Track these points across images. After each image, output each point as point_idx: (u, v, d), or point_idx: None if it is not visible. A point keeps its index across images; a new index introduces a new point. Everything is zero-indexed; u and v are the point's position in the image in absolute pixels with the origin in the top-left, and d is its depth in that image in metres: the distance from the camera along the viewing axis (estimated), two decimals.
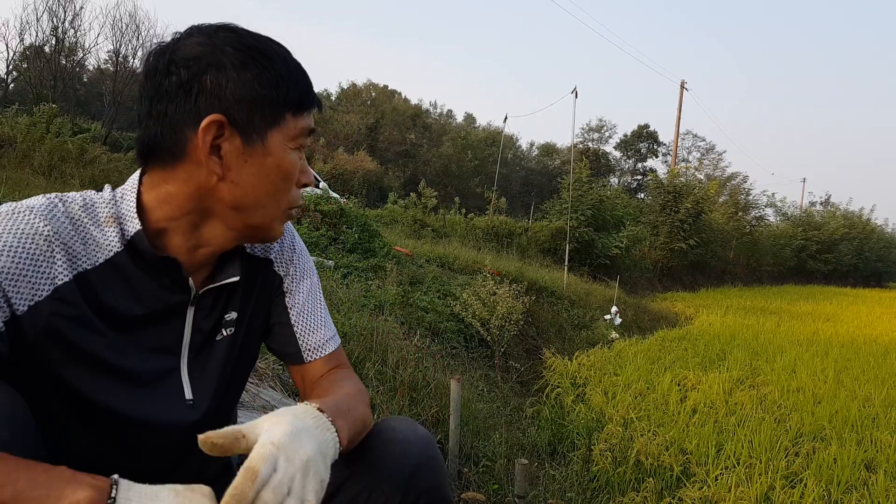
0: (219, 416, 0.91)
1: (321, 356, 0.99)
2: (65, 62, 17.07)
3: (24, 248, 0.73)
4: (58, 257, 0.75)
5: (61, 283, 0.75)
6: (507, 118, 19.81)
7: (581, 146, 38.61)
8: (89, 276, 0.78)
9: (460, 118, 41.20)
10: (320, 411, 0.75)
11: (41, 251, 0.74)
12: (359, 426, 0.84)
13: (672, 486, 3.23)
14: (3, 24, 22.22)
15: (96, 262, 0.79)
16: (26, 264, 0.73)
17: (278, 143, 0.82)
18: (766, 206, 25.40)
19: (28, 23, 19.89)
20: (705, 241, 19.04)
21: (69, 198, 0.80)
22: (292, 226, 1.04)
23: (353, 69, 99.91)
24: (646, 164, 43.17)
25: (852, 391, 4.98)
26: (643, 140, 43.16)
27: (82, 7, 23.07)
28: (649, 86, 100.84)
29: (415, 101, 35.84)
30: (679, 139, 28.47)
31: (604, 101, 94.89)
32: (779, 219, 28.49)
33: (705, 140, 46.96)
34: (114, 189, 0.84)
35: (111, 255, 0.79)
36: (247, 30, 0.83)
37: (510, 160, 35.52)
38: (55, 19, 16.03)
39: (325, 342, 0.99)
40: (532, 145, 42.81)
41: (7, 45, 17.74)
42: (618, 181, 41.32)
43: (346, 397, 0.87)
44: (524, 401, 4.83)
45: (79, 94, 19.77)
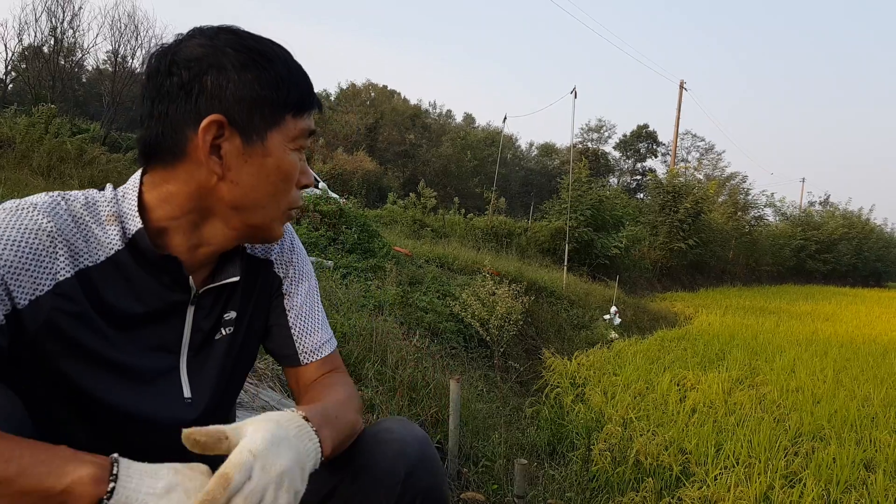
0: (217, 415, 0.91)
1: (317, 359, 0.99)
2: (63, 62, 17.04)
3: (26, 243, 0.73)
4: (60, 253, 0.76)
5: (63, 278, 0.75)
6: (506, 118, 19.72)
7: (580, 146, 38.64)
8: (90, 273, 0.78)
9: (460, 118, 41.26)
10: (305, 420, 0.76)
11: (44, 246, 0.75)
12: (345, 433, 0.85)
13: (671, 485, 3.24)
14: (2, 25, 22.18)
15: (98, 260, 0.79)
16: (29, 259, 0.73)
17: (278, 144, 0.83)
18: (765, 206, 25.46)
19: (27, 23, 19.84)
20: (704, 240, 19.05)
21: (71, 196, 0.81)
22: (292, 227, 1.04)
23: (352, 69, 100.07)
24: (645, 164, 43.23)
25: (851, 391, 4.98)
26: (642, 140, 43.19)
27: (81, 7, 23.12)
28: (649, 86, 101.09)
29: (414, 102, 35.91)
30: (678, 139, 28.50)
31: (603, 101, 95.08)
32: (778, 219, 28.55)
33: (704, 140, 47.07)
34: (115, 188, 0.85)
35: (112, 252, 0.80)
36: (248, 32, 0.84)
37: (509, 160, 35.52)
38: (54, 20, 15.99)
39: (321, 345, 1.00)
40: (531, 145, 42.88)
41: (6, 46, 17.69)
42: (617, 181, 41.34)
43: (336, 403, 0.88)
44: (523, 401, 4.84)
45: (77, 94, 19.73)
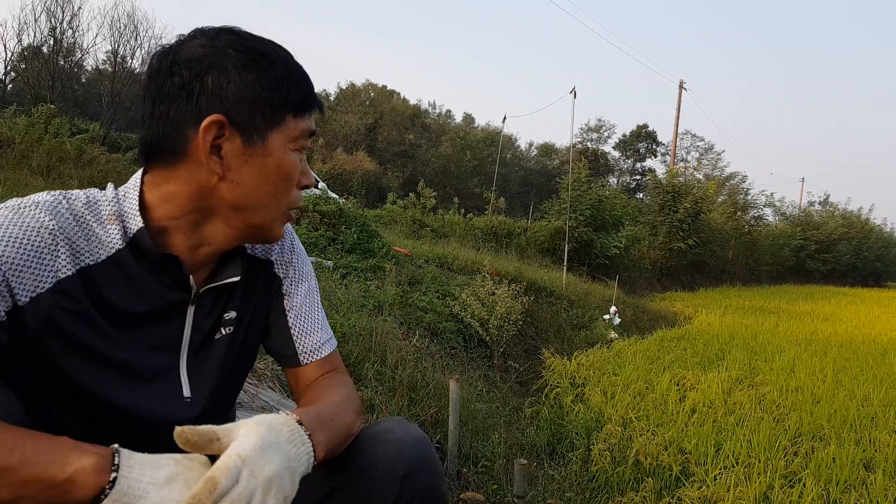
0: (216, 415, 0.91)
1: (317, 359, 0.99)
2: (63, 63, 17.02)
3: (28, 240, 0.74)
4: (61, 251, 0.76)
5: (64, 276, 0.75)
6: (505, 118, 19.73)
7: (580, 146, 38.63)
8: (91, 271, 0.78)
9: (459, 118, 41.25)
10: (299, 423, 0.76)
11: (45, 244, 0.75)
12: (341, 435, 0.85)
13: (671, 485, 3.24)
14: (2, 25, 22.18)
15: (99, 259, 0.79)
16: (30, 256, 0.73)
17: (278, 144, 0.83)
18: (764, 206, 25.48)
19: (26, 23, 19.83)
20: (704, 240, 19.06)
21: (73, 195, 0.81)
22: (292, 227, 1.04)
23: (352, 69, 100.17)
24: (644, 163, 43.22)
25: (851, 390, 4.98)
26: (642, 140, 43.18)
27: (80, 7, 23.10)
28: (648, 86, 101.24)
29: (413, 102, 35.90)
30: (678, 139, 28.52)
31: (603, 101, 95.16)
32: (777, 218, 28.57)
33: (704, 140, 47.03)
34: (116, 188, 0.85)
35: (113, 251, 0.80)
36: (249, 33, 0.84)
37: (509, 160, 35.52)
38: (53, 20, 15.97)
39: (320, 345, 1.00)
40: (531, 145, 42.86)
41: (5, 46, 17.68)
42: (616, 181, 41.33)
43: (332, 406, 0.88)
44: (523, 401, 4.83)
45: (77, 94, 19.72)
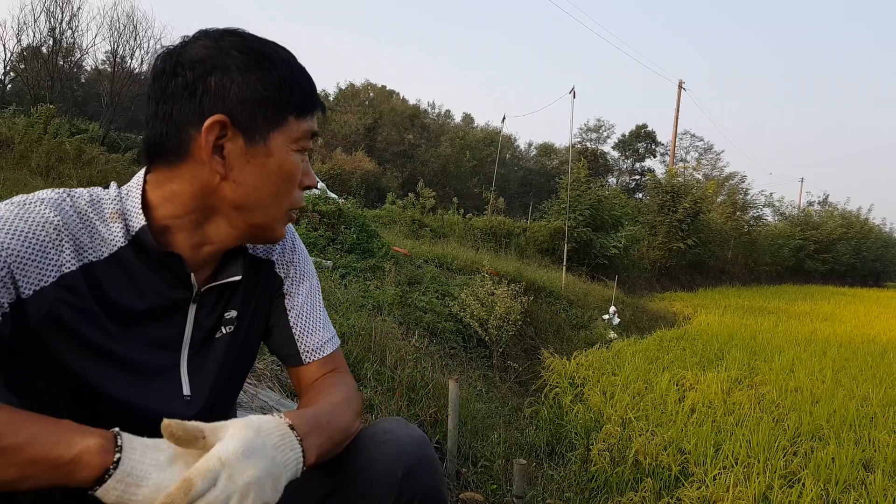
0: (215, 414, 0.90)
1: (319, 358, 0.99)
2: (62, 63, 17.02)
3: (34, 234, 0.74)
4: (65, 246, 0.76)
5: (67, 271, 0.76)
6: (504, 118, 19.78)
7: (579, 146, 38.60)
8: (94, 268, 0.79)
9: (458, 118, 41.19)
10: (291, 428, 0.75)
11: (50, 239, 0.75)
12: (337, 438, 0.85)
13: (670, 485, 3.24)
14: (1, 25, 22.15)
15: (101, 256, 0.80)
16: (35, 250, 0.74)
17: (280, 145, 0.84)
18: (763, 206, 25.48)
19: (25, 23, 19.82)
20: (703, 240, 19.07)
21: (77, 193, 0.82)
22: (293, 228, 1.05)
23: (352, 69, 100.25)
24: (644, 164, 43.20)
25: (850, 391, 4.98)
26: (641, 140, 43.17)
27: (80, 8, 23.09)
28: (647, 86, 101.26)
29: (413, 102, 35.84)
30: (677, 139, 28.54)
31: (602, 101, 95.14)
32: (777, 218, 28.56)
33: (703, 140, 47.11)
34: (120, 187, 0.86)
35: (115, 249, 0.81)
36: (253, 34, 0.85)
37: (508, 160, 35.50)
38: (52, 20, 15.96)
39: (322, 344, 1.00)
40: (530, 145, 42.79)
41: (4, 46, 17.63)
42: (616, 181, 41.30)
43: (330, 407, 0.88)
44: (522, 401, 4.83)
45: (76, 94, 19.73)
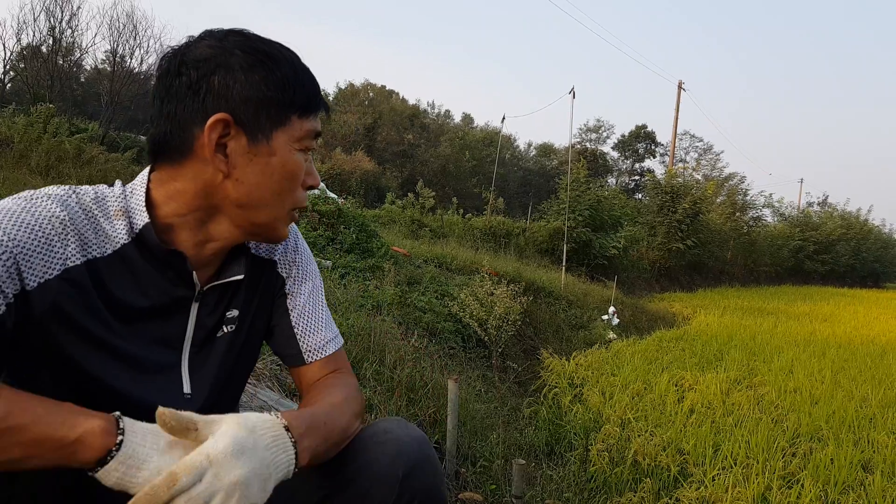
0: (216, 413, 0.91)
1: (321, 357, 0.99)
2: (62, 62, 17.03)
3: (40, 227, 0.75)
4: (71, 241, 0.77)
5: (72, 265, 0.77)
6: (504, 118, 19.85)
7: (579, 146, 38.61)
8: (98, 264, 0.79)
9: (458, 118, 41.18)
10: (286, 428, 0.75)
11: (56, 232, 0.76)
12: (334, 439, 0.85)
13: (669, 486, 3.24)
14: (1, 25, 22.13)
15: (105, 252, 0.80)
16: (41, 242, 0.75)
17: (283, 144, 0.84)
18: (763, 207, 25.54)
19: (25, 23, 19.89)
20: (703, 241, 19.07)
21: (82, 190, 0.82)
22: (296, 228, 1.05)
23: (352, 69, 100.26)
24: (643, 164, 43.24)
25: (849, 391, 4.99)
26: (641, 140, 43.19)
27: (79, 7, 23.05)
28: (647, 86, 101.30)
29: (413, 101, 35.84)
30: (676, 139, 28.53)
31: (602, 102, 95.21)
32: (776, 219, 28.59)
33: (703, 140, 47.13)
34: (124, 185, 0.86)
35: (119, 246, 0.81)
36: (257, 35, 0.85)
37: (508, 160, 35.48)
38: (52, 19, 15.98)
39: (324, 344, 1.00)
40: (530, 145, 42.80)
41: (4, 45, 17.62)
42: (615, 181, 41.32)
43: (329, 408, 0.88)
44: (522, 401, 4.83)
45: (76, 93, 19.73)
